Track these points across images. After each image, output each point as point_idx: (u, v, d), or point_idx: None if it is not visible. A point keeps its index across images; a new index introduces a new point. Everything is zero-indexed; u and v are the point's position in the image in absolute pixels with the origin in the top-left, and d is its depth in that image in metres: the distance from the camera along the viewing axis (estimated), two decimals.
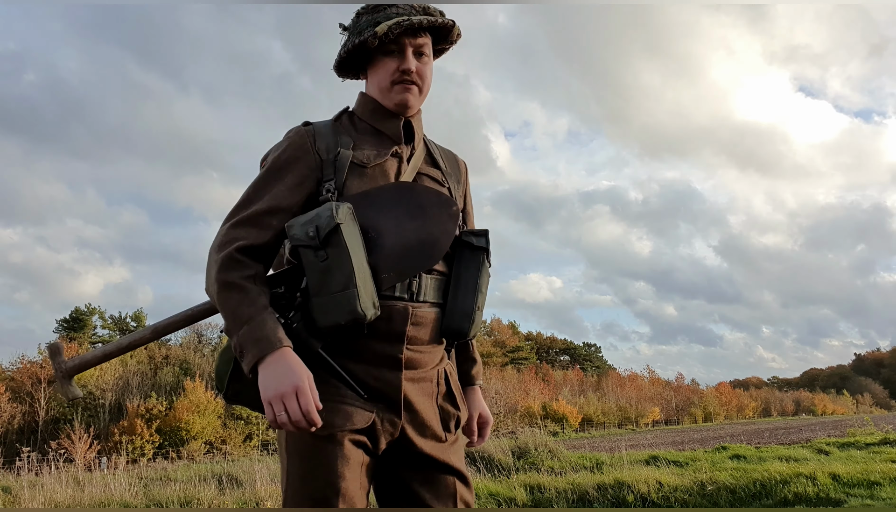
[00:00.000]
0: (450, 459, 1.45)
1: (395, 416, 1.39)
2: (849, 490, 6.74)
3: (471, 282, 1.47)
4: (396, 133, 1.50)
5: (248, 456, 25.43)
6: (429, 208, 1.43)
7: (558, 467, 9.40)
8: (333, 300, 1.28)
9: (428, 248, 1.41)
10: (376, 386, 1.37)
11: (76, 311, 43.96)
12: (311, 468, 1.33)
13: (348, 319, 1.28)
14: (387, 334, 1.38)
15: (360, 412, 1.35)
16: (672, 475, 7.65)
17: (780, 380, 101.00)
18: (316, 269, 1.30)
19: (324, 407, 1.29)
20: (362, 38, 1.43)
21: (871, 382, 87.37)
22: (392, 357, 1.39)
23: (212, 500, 8.49)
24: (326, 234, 1.28)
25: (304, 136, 1.46)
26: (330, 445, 1.32)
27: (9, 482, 11.43)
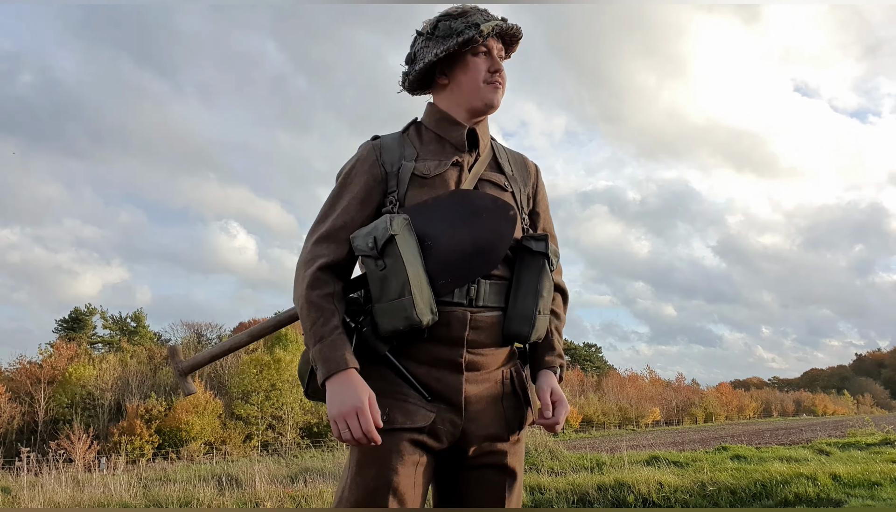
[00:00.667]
0: (506, 461, 1.50)
1: (456, 416, 1.44)
2: (849, 490, 6.72)
3: (531, 286, 1.49)
4: (460, 141, 1.54)
5: (248, 456, 25.42)
6: (485, 214, 1.46)
7: (558, 468, 9.38)
8: (391, 307, 1.37)
9: (485, 254, 1.45)
10: (438, 388, 1.43)
11: (76, 311, 43.97)
12: (368, 460, 1.39)
13: (405, 325, 1.36)
14: (447, 339, 1.43)
15: (421, 411, 1.41)
16: (672, 476, 7.64)
17: (780, 380, 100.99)
18: (376, 277, 1.40)
19: (388, 405, 1.39)
20: (466, 37, 1.48)
21: (872, 382, 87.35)
22: (452, 361, 1.44)
23: (211, 500, 8.48)
24: (383, 244, 1.37)
25: (370, 150, 1.53)
26: (388, 440, 1.38)
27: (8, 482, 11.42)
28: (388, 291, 1.37)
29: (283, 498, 8.36)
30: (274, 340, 38.36)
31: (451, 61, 1.54)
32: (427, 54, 1.53)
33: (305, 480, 10.25)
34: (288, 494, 8.47)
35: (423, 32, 1.56)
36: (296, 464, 14.85)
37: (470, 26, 1.49)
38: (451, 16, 1.53)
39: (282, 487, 9.24)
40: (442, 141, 1.55)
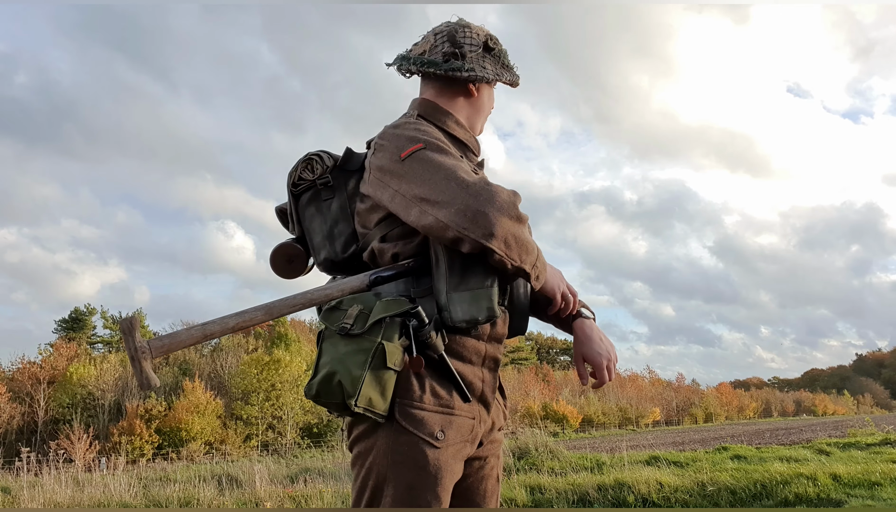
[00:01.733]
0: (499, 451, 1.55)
1: (486, 414, 1.46)
2: (849, 491, 6.72)
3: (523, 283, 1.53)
4: (477, 146, 1.58)
5: (248, 457, 25.43)
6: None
7: (559, 468, 9.38)
8: (474, 295, 1.33)
9: None
10: (480, 387, 1.42)
11: (76, 311, 43.96)
12: (423, 482, 1.32)
13: (486, 316, 1.34)
14: (493, 336, 1.43)
15: (467, 422, 1.40)
16: (673, 476, 7.64)
17: (780, 380, 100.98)
18: (459, 263, 1.34)
19: (438, 424, 1.34)
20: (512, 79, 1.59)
21: (872, 382, 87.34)
22: (495, 358, 1.45)
23: (211, 500, 8.48)
24: None
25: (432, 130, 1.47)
26: (445, 460, 1.35)
27: (8, 483, 11.42)
28: (469, 280, 1.33)
29: (283, 498, 8.36)
30: (274, 339, 38.38)
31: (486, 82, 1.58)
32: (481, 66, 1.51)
33: (305, 480, 10.25)
34: (288, 494, 8.47)
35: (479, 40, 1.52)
36: (296, 464, 14.85)
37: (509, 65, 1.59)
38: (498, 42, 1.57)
39: (282, 487, 9.24)
40: (456, 140, 1.53)
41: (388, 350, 1.30)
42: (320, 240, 1.52)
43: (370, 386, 1.28)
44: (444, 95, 1.54)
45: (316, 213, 1.53)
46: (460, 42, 1.50)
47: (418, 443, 1.32)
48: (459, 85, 1.53)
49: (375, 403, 1.29)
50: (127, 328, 1.28)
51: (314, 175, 1.52)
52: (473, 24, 1.54)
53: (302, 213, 1.55)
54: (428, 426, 1.33)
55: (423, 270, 1.39)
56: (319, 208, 1.52)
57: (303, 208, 1.55)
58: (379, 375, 1.29)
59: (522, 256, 1.33)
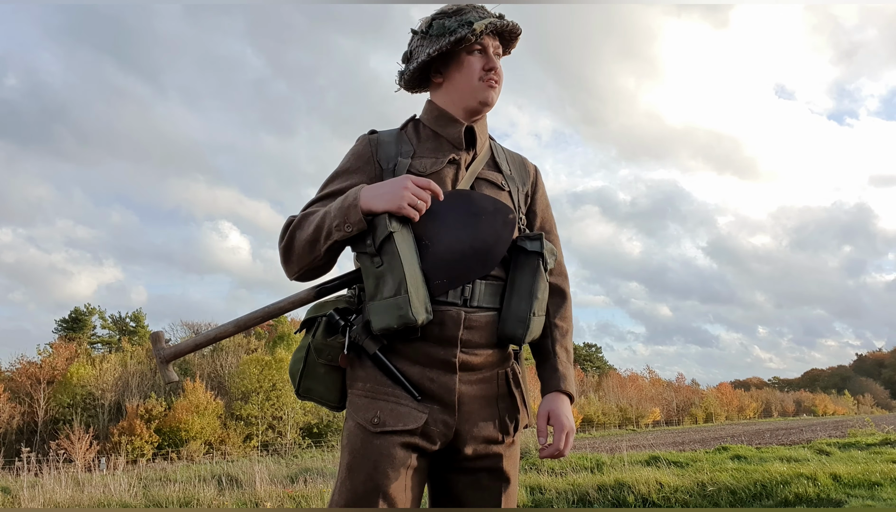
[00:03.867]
0: (500, 464, 1.48)
1: (449, 417, 1.42)
2: (849, 491, 6.72)
3: (525, 287, 1.47)
4: (458, 139, 1.53)
5: (248, 457, 25.41)
6: (483, 216, 1.45)
7: (559, 468, 9.39)
8: (386, 304, 1.35)
9: (482, 257, 1.44)
10: (431, 388, 1.41)
11: (76, 311, 43.94)
12: (358, 462, 1.38)
13: (399, 324, 1.34)
14: (440, 339, 1.41)
15: (413, 413, 1.39)
16: (673, 476, 7.64)
17: (780, 380, 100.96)
18: (371, 274, 1.38)
19: (378, 407, 1.39)
20: (459, 36, 1.46)
21: (872, 382, 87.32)
22: (446, 361, 1.42)
23: (211, 500, 8.48)
24: (381, 241, 1.35)
25: (366, 145, 1.53)
26: (378, 443, 1.37)
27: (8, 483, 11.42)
28: (383, 289, 1.35)
29: (283, 498, 8.36)
30: (276, 339, 38.39)
31: (447, 60, 1.53)
32: (421, 53, 1.52)
33: (305, 480, 10.25)
34: (288, 494, 8.47)
35: (419, 31, 1.55)
36: (296, 464, 14.85)
37: (463, 24, 1.48)
38: (446, 14, 1.51)
39: (282, 487, 9.24)
40: (439, 138, 1.54)
41: (315, 347, 1.45)
42: None
43: (309, 378, 1.47)
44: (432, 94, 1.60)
45: None
46: (408, 47, 1.58)
47: (355, 427, 1.40)
48: (428, 83, 1.59)
49: (321, 394, 1.47)
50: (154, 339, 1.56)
51: None
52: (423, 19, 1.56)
53: None
54: (364, 411, 1.40)
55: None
56: None
57: None
58: (313, 368, 1.46)
59: (305, 247, 1.43)
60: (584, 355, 69.53)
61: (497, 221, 1.46)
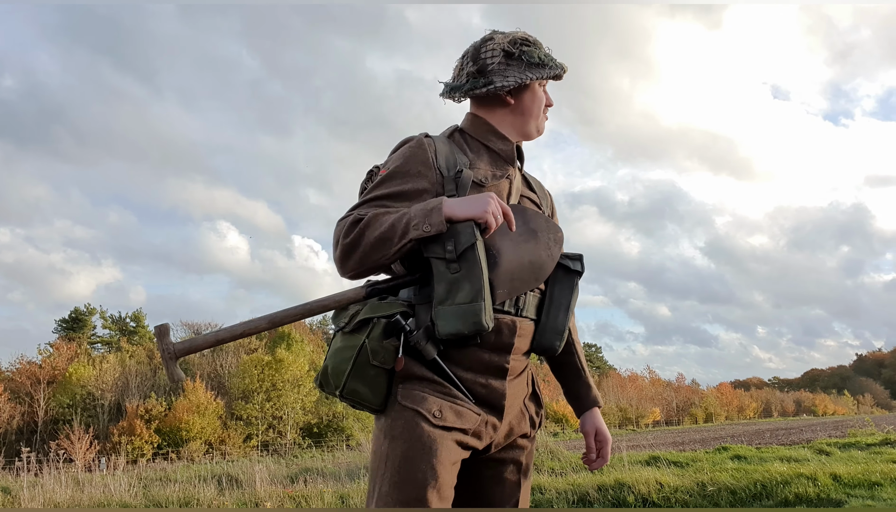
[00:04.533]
0: (524, 459, 1.58)
1: (497, 419, 1.50)
2: (850, 491, 6.72)
3: (563, 302, 1.58)
4: (511, 155, 1.61)
5: (248, 456, 25.42)
6: (539, 233, 1.54)
7: (559, 468, 9.39)
8: (460, 310, 1.37)
9: (536, 270, 1.52)
10: (482, 392, 1.47)
11: (76, 311, 43.96)
12: (418, 452, 1.37)
13: (472, 330, 1.37)
14: (496, 345, 1.48)
15: (470, 413, 1.45)
16: (673, 476, 7.64)
17: (780, 380, 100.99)
18: (446, 279, 1.40)
19: (438, 403, 1.41)
20: (556, 72, 1.62)
21: (872, 382, 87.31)
22: (500, 367, 1.49)
23: (211, 500, 8.48)
24: (464, 249, 1.38)
25: (425, 148, 1.53)
26: (439, 435, 1.40)
27: (8, 482, 11.42)
28: (456, 295, 1.38)
29: (283, 498, 8.36)
30: (276, 339, 38.38)
31: (523, 86, 1.61)
32: (513, 73, 1.58)
33: (305, 480, 10.25)
34: (288, 494, 8.48)
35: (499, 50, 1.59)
36: (296, 464, 14.86)
37: (552, 60, 1.61)
38: (527, 42, 1.60)
39: (282, 487, 9.25)
40: (491, 152, 1.61)
41: (371, 348, 1.41)
42: None
43: (355, 379, 1.41)
44: (483, 109, 1.64)
45: None
46: (481, 58, 1.59)
47: (415, 417, 1.39)
48: (492, 99, 1.62)
49: (364, 396, 1.42)
50: (159, 333, 1.44)
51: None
52: (499, 35, 1.61)
53: None
54: (427, 404, 1.40)
55: (424, 281, 1.47)
56: None
57: None
58: (363, 370, 1.41)
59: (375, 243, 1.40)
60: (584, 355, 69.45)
61: (550, 239, 1.56)
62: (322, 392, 1.52)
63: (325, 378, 1.46)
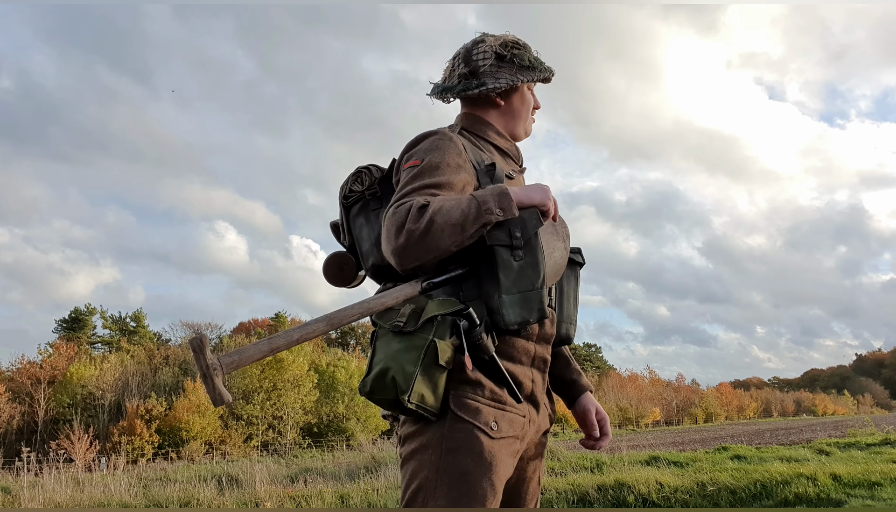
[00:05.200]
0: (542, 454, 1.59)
1: (535, 415, 1.50)
2: (849, 491, 6.73)
3: (571, 293, 1.64)
4: (518, 154, 1.68)
5: (248, 457, 25.42)
6: (559, 227, 1.59)
7: (559, 468, 9.39)
8: (525, 298, 1.37)
9: (560, 263, 1.57)
10: (530, 387, 1.47)
11: (76, 311, 43.96)
12: (479, 468, 1.33)
13: (537, 317, 1.37)
14: (541, 336, 1.49)
15: (517, 419, 1.43)
16: (672, 476, 7.64)
17: (780, 380, 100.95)
18: (511, 267, 1.37)
19: (493, 415, 1.37)
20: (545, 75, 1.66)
21: (872, 382, 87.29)
22: (544, 359, 1.51)
23: (211, 500, 8.49)
24: (531, 235, 1.38)
25: (457, 143, 1.51)
26: (498, 449, 1.37)
27: (8, 482, 11.42)
28: (521, 283, 1.37)
29: (283, 498, 8.36)
30: None
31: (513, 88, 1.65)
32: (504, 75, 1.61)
33: (305, 480, 10.25)
34: (288, 494, 8.48)
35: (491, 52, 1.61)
36: (296, 464, 14.87)
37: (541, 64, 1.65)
38: (518, 45, 1.64)
39: (282, 487, 9.25)
40: (499, 149, 1.64)
41: (440, 348, 1.31)
42: (368, 247, 1.57)
43: (422, 382, 1.30)
44: (476, 110, 1.66)
45: (365, 222, 1.59)
46: (473, 60, 1.62)
47: (473, 430, 1.33)
48: (483, 100, 1.65)
49: (427, 400, 1.31)
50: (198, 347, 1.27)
51: (363, 187, 1.60)
52: (490, 37, 1.63)
53: (352, 223, 1.62)
54: (483, 416, 1.35)
55: (469, 275, 1.42)
56: (368, 218, 1.59)
57: (353, 219, 1.61)
58: (431, 372, 1.31)
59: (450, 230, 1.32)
60: (584, 355, 69.57)
61: (563, 234, 1.60)
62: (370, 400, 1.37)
63: (379, 383, 1.31)
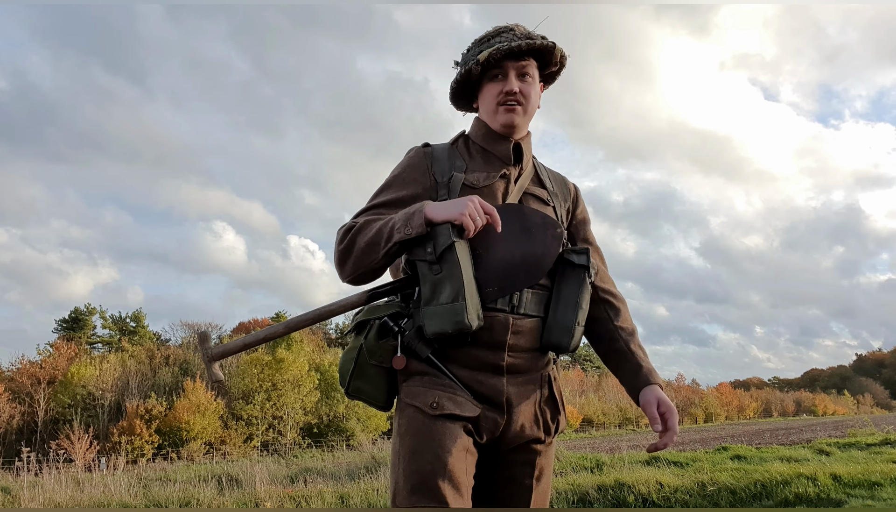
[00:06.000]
0: (538, 464, 1.56)
1: (498, 416, 1.49)
2: (849, 491, 6.72)
3: (571, 298, 1.55)
4: (506, 155, 1.62)
5: (248, 456, 25.42)
6: (533, 230, 1.54)
7: (559, 468, 9.39)
8: (443, 310, 1.41)
9: (531, 268, 1.52)
10: (480, 390, 1.48)
11: (76, 311, 43.94)
12: (422, 444, 1.41)
13: (455, 329, 1.40)
14: (490, 343, 1.49)
15: (468, 404, 1.46)
16: (673, 476, 7.64)
17: (780, 380, 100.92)
18: (429, 280, 1.44)
19: (436, 394, 1.45)
20: (467, 68, 1.60)
21: (872, 382, 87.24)
22: (495, 364, 1.49)
23: (211, 500, 8.48)
24: (443, 250, 1.42)
25: (422, 158, 1.61)
26: (441, 424, 1.43)
27: (8, 482, 11.42)
28: (440, 295, 1.42)
29: (283, 498, 8.36)
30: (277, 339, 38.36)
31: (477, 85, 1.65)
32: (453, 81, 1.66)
33: (305, 480, 10.25)
34: (288, 494, 8.47)
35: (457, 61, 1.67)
36: (296, 464, 14.87)
37: (475, 55, 1.59)
38: (478, 41, 1.62)
39: (282, 487, 9.25)
40: (488, 154, 1.63)
41: (368, 348, 1.49)
42: None
43: (358, 378, 1.51)
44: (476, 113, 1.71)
45: None
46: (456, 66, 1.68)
47: (416, 412, 1.44)
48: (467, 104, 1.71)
49: (368, 393, 1.51)
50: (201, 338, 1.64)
51: None
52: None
53: None
54: (422, 397, 1.45)
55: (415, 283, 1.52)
56: None
57: None
58: (364, 369, 1.50)
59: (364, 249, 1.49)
60: (584, 355, 69.55)
61: (546, 235, 1.54)
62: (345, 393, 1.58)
63: (339, 378, 1.55)
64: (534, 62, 1.62)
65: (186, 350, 40.12)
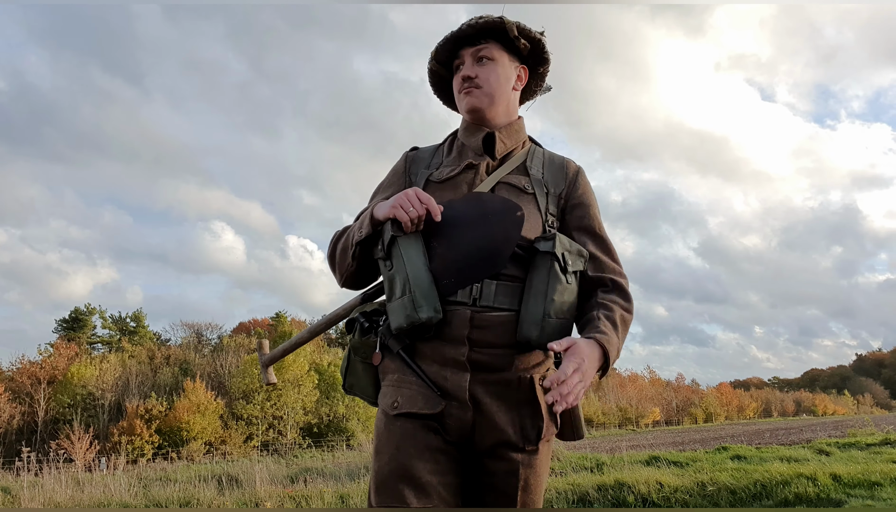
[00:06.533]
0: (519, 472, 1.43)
1: (463, 414, 1.43)
2: (849, 491, 6.72)
3: (540, 287, 1.41)
4: (477, 146, 1.60)
5: (248, 456, 25.42)
6: (491, 216, 1.45)
7: (559, 468, 9.39)
8: (398, 305, 1.43)
9: (488, 256, 1.43)
10: (445, 386, 1.44)
11: (76, 311, 43.93)
12: (382, 445, 1.44)
13: (407, 323, 1.41)
14: (449, 338, 1.44)
15: (431, 400, 1.43)
16: (672, 476, 7.64)
17: (780, 380, 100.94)
18: (386, 277, 1.48)
19: (399, 394, 1.45)
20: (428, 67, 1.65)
21: (872, 382, 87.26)
22: (457, 359, 1.43)
23: (211, 500, 8.48)
24: (388, 246, 1.46)
25: (402, 161, 1.67)
26: (399, 424, 1.43)
27: (8, 482, 11.42)
28: (395, 290, 1.44)
29: (283, 498, 8.36)
30: (276, 339, 38.39)
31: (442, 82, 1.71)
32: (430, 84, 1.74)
33: (305, 480, 10.25)
34: (288, 494, 8.47)
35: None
36: (296, 464, 14.87)
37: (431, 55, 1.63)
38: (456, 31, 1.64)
39: (282, 487, 9.25)
40: (464, 148, 1.63)
41: (353, 346, 1.56)
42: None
43: (351, 375, 1.59)
44: None
45: None
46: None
47: (380, 413, 1.48)
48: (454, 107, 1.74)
49: (360, 389, 1.59)
50: (259, 346, 1.95)
51: None
52: None
53: None
54: (387, 398, 1.47)
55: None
56: None
57: None
58: (354, 366, 1.58)
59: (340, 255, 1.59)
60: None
61: (506, 221, 1.44)
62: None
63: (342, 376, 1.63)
64: (494, 44, 1.57)
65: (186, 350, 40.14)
